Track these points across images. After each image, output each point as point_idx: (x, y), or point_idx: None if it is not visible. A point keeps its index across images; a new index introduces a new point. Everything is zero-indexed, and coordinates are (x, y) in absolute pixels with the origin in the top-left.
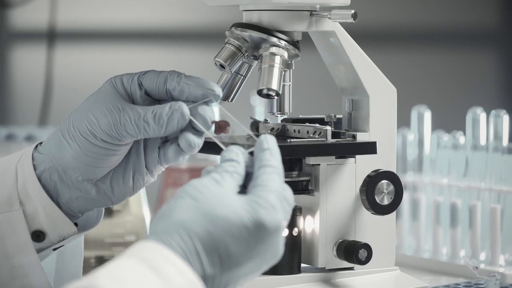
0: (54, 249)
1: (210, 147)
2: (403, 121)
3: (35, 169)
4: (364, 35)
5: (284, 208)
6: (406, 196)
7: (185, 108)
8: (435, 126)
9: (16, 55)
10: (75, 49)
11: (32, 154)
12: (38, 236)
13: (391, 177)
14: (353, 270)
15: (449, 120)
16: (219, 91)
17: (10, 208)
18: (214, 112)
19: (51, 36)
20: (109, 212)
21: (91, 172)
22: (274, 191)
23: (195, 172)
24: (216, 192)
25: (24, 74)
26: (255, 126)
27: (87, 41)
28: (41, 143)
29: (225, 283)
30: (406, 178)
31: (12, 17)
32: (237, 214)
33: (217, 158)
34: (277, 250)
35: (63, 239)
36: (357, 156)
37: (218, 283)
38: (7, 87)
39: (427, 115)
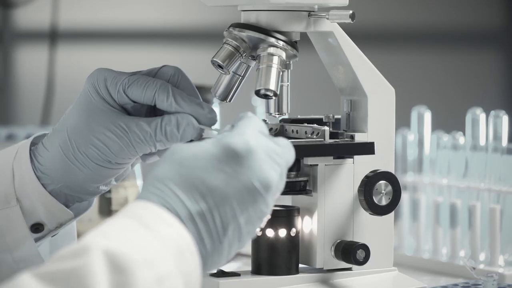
0: (52, 236)
1: None
2: (403, 121)
3: (41, 183)
4: (364, 36)
5: (264, 146)
6: (406, 197)
7: (195, 121)
8: (435, 127)
9: (18, 55)
10: (77, 49)
11: (33, 158)
12: (37, 228)
13: (389, 177)
14: (351, 270)
15: (449, 121)
16: (214, 117)
17: (7, 204)
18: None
19: (53, 36)
20: (108, 212)
21: (103, 181)
22: (247, 127)
23: None
24: (188, 145)
25: (27, 74)
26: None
27: (89, 41)
28: (41, 136)
29: (221, 221)
30: (406, 179)
31: (14, 17)
32: (203, 147)
33: None
34: (264, 175)
35: (61, 226)
36: (355, 157)
37: (212, 220)
38: (10, 87)
39: (427, 116)
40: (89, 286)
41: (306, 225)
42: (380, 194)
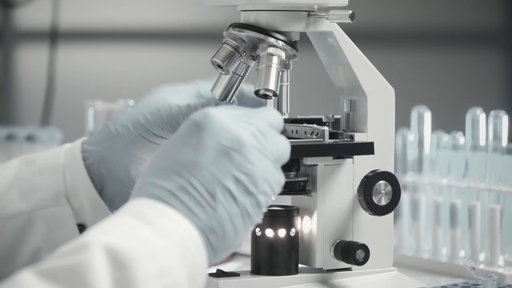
0: None
1: None
2: (403, 121)
3: (84, 159)
4: (364, 36)
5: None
6: (406, 197)
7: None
8: (435, 127)
9: (19, 55)
10: (77, 49)
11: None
12: (80, 229)
13: (389, 177)
14: (351, 270)
15: (449, 121)
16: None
17: (57, 202)
18: None
19: (54, 36)
20: None
21: (137, 157)
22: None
23: None
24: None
25: (27, 74)
26: None
27: (89, 41)
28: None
29: (204, 187)
30: (406, 179)
31: (15, 17)
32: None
33: None
34: (229, 133)
35: None
36: (355, 157)
37: (194, 189)
38: (10, 87)
39: (427, 116)
40: (90, 282)
41: (305, 225)
42: (380, 194)
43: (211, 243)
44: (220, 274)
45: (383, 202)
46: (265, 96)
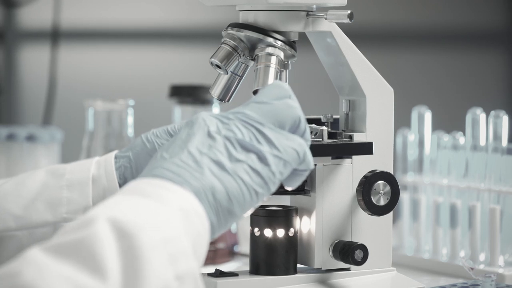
0: None
1: None
2: (404, 121)
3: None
4: (363, 36)
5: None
6: (406, 197)
7: None
8: (435, 127)
9: (21, 54)
10: (79, 48)
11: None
12: None
13: (388, 177)
14: (350, 270)
15: (449, 121)
16: None
17: None
18: None
19: (55, 36)
20: None
21: None
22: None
23: None
24: None
25: (29, 74)
26: None
27: (90, 41)
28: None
29: (194, 158)
30: (407, 179)
31: (17, 17)
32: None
33: None
34: (215, 123)
35: None
36: (354, 157)
37: (180, 159)
38: (12, 86)
39: (427, 116)
40: (97, 253)
41: (304, 225)
42: (379, 194)
43: (211, 207)
44: (219, 274)
45: (382, 202)
46: None
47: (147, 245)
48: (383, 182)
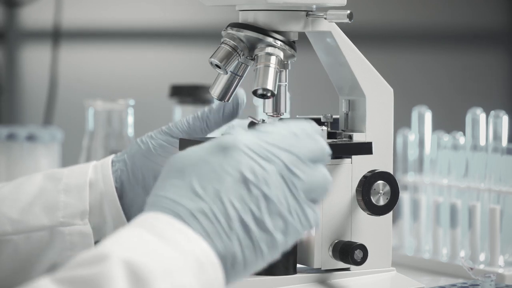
0: None
1: None
2: (404, 121)
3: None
4: (363, 36)
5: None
6: (406, 197)
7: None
8: (436, 127)
9: (22, 54)
10: (80, 48)
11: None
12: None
13: (387, 177)
14: (349, 271)
15: (449, 121)
16: None
17: (81, 221)
18: None
19: (56, 35)
20: None
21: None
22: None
23: None
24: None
25: (30, 73)
26: (253, 126)
27: (91, 41)
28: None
29: (225, 216)
30: (407, 179)
31: (18, 16)
32: (201, 149)
33: None
34: (253, 165)
35: None
36: (353, 157)
37: (213, 215)
38: (13, 86)
39: (428, 116)
40: None
41: None
42: (378, 194)
43: (225, 268)
44: None
45: (382, 202)
46: (263, 96)
47: None
48: (383, 182)
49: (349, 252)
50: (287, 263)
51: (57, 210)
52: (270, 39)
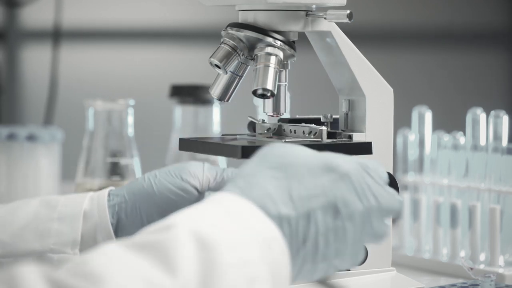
0: None
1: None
2: (404, 121)
3: (108, 202)
4: (364, 36)
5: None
6: (407, 197)
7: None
8: (436, 127)
9: (22, 54)
10: (80, 48)
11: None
12: None
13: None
14: (349, 270)
15: (450, 121)
16: None
17: (71, 250)
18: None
19: (57, 35)
20: None
21: (154, 218)
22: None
23: None
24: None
25: (31, 73)
26: (252, 126)
27: (92, 41)
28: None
29: (304, 225)
30: (407, 179)
31: (19, 16)
32: (307, 156)
33: (217, 158)
34: (349, 197)
35: None
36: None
37: (296, 226)
38: (14, 86)
39: (428, 116)
40: (174, 255)
41: None
42: None
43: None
44: None
45: None
46: (263, 96)
47: (226, 262)
48: None
49: None
50: None
51: (49, 237)
52: (269, 39)
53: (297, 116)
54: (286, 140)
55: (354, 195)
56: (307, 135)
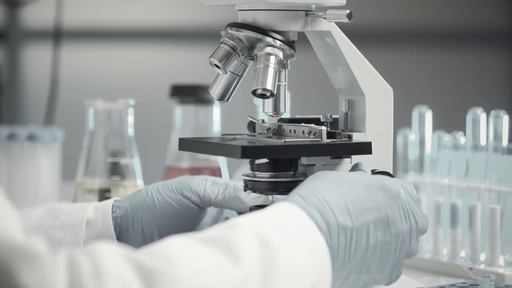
0: None
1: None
2: (404, 121)
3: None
4: (364, 36)
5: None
6: None
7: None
8: (436, 126)
9: (23, 54)
10: (81, 48)
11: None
12: None
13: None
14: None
15: (450, 121)
16: None
17: None
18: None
19: (58, 35)
20: None
21: (156, 230)
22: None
23: (196, 171)
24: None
25: (31, 73)
26: (252, 126)
27: (92, 41)
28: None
29: (358, 236)
30: (408, 178)
31: (20, 16)
32: (361, 176)
33: (217, 158)
34: (397, 216)
35: None
36: (353, 157)
37: (351, 236)
38: (14, 86)
39: (428, 116)
40: (238, 247)
41: None
42: None
43: None
44: None
45: None
46: (263, 96)
47: (285, 263)
48: None
49: None
50: None
51: (52, 246)
52: (269, 39)
53: (297, 116)
54: (286, 140)
55: (402, 215)
56: (306, 135)
